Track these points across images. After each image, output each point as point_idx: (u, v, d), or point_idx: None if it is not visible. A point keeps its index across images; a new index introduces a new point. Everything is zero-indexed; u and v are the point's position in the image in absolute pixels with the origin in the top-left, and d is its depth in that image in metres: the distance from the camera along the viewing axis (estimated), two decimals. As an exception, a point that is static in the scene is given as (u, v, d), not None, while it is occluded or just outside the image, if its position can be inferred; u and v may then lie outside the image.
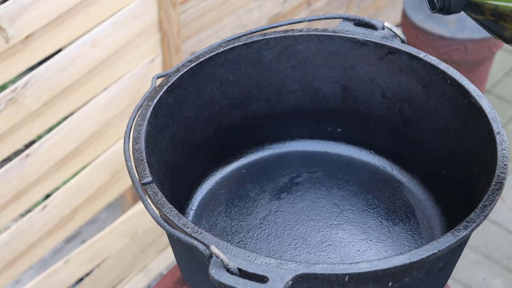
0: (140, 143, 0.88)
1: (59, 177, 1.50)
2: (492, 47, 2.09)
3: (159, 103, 0.94)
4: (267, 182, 1.07)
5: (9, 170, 1.38)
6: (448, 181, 1.00)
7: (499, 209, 2.15)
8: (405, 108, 1.05)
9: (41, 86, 1.35)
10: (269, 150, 1.12)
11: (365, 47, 1.03)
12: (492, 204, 0.81)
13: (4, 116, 1.31)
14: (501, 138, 0.88)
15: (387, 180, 1.08)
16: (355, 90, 1.08)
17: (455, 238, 0.77)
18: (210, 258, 0.74)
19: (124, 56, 1.49)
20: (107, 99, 1.50)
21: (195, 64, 0.99)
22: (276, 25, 1.04)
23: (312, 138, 1.13)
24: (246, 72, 1.05)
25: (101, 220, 2.09)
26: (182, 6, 1.62)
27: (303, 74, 1.08)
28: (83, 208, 1.59)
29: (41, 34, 1.31)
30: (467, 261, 2.01)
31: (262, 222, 1.01)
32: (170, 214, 0.79)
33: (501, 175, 0.84)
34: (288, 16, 1.99)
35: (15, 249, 1.47)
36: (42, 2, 1.27)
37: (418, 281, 0.81)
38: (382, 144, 1.10)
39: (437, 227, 1.00)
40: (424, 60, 0.99)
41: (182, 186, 1.02)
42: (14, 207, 1.43)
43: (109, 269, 1.74)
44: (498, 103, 2.48)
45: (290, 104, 1.10)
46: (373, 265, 0.74)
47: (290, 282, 0.72)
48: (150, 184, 0.83)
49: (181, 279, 1.07)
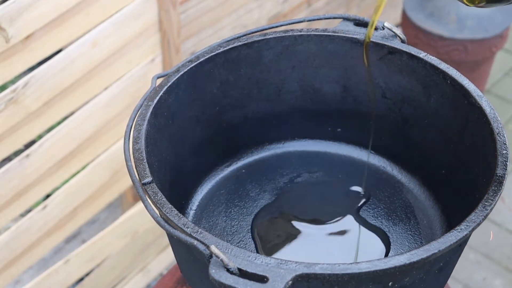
0: (140, 143, 0.88)
1: (59, 177, 1.50)
2: (492, 47, 2.09)
3: (159, 103, 0.94)
4: (267, 182, 1.07)
5: (9, 170, 1.38)
6: (448, 181, 1.00)
7: (499, 209, 2.15)
8: (405, 108, 1.05)
9: (41, 86, 1.35)
10: (269, 150, 1.12)
11: (365, 47, 1.03)
12: (492, 204, 0.81)
13: (4, 116, 1.31)
14: (501, 138, 0.88)
15: (387, 180, 1.08)
16: (355, 90, 1.08)
17: (455, 238, 0.77)
18: (210, 258, 0.74)
19: (124, 56, 1.49)
20: (107, 99, 1.50)
21: (195, 64, 0.99)
22: (276, 25, 1.04)
23: (312, 138, 1.13)
24: (246, 72, 1.05)
25: (101, 220, 2.09)
26: (182, 6, 1.62)
27: (303, 74, 1.08)
28: (83, 208, 1.59)
29: (41, 34, 1.31)
30: (467, 261, 2.01)
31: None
32: (170, 214, 0.79)
33: (501, 175, 0.84)
34: (288, 16, 1.99)
35: (15, 249, 1.47)
36: (42, 2, 1.27)
37: (418, 281, 0.81)
38: (382, 144, 1.10)
39: (437, 227, 1.00)
40: (424, 60, 0.99)
41: (182, 186, 1.02)
42: (14, 207, 1.43)
43: (109, 269, 1.74)
44: (498, 103, 2.48)
45: (290, 104, 1.10)
46: (373, 265, 0.74)
47: (290, 282, 0.72)
48: (150, 184, 0.83)
49: (181, 279, 1.07)
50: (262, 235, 0.99)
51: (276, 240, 0.98)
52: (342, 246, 0.98)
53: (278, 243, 0.98)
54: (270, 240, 0.98)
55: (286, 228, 0.99)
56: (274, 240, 0.98)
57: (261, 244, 0.97)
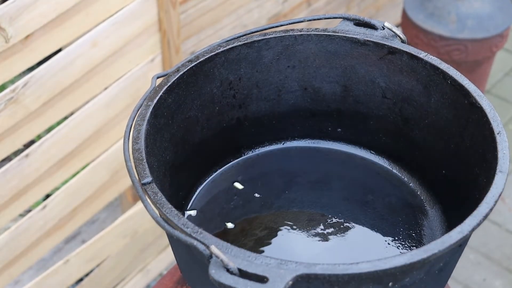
0: (140, 143, 0.87)
1: (59, 177, 1.50)
2: (492, 47, 2.09)
3: (159, 103, 0.94)
4: (267, 182, 1.07)
5: (9, 170, 1.38)
6: (448, 181, 1.00)
7: (499, 209, 2.15)
8: (405, 108, 1.05)
9: (41, 86, 1.35)
10: (269, 150, 1.12)
11: (365, 47, 1.03)
12: (492, 204, 0.81)
13: (4, 116, 1.31)
14: (501, 138, 0.88)
15: (387, 180, 1.08)
16: (355, 90, 1.08)
17: (455, 238, 0.77)
18: (210, 258, 0.74)
19: (124, 56, 1.49)
20: (107, 99, 1.50)
21: (195, 64, 0.99)
22: (276, 25, 1.04)
23: (312, 138, 1.13)
24: (246, 72, 1.05)
25: (101, 220, 2.09)
26: (182, 6, 1.62)
27: (303, 74, 1.07)
28: (83, 208, 1.59)
29: (41, 34, 1.31)
30: (467, 262, 2.01)
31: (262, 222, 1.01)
32: (170, 214, 0.79)
33: (501, 175, 0.84)
34: (288, 16, 1.99)
35: (14, 249, 1.47)
36: (41, 2, 1.27)
37: (418, 281, 0.81)
38: (382, 144, 1.09)
39: (437, 227, 1.00)
40: (425, 60, 0.99)
41: (182, 186, 1.02)
42: (13, 207, 1.43)
43: (109, 269, 1.74)
44: (498, 103, 2.48)
45: (290, 104, 1.10)
46: (373, 265, 0.74)
47: (290, 282, 0.72)
48: (150, 184, 0.83)
49: (181, 279, 1.07)
50: (262, 235, 0.99)
51: (276, 240, 0.98)
52: (342, 246, 0.97)
53: (278, 243, 0.98)
54: (270, 239, 0.98)
55: (286, 228, 0.99)
56: (274, 240, 0.98)
57: (260, 244, 0.97)
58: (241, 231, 0.99)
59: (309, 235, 0.98)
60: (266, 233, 0.99)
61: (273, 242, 0.98)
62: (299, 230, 0.99)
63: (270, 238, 0.99)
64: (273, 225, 1.00)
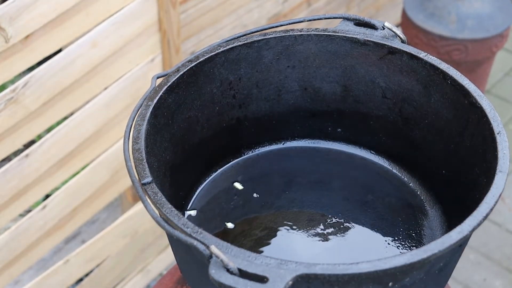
0: (140, 143, 0.87)
1: (58, 177, 1.50)
2: (492, 47, 2.09)
3: (159, 103, 0.94)
4: (267, 182, 1.07)
5: (9, 170, 1.38)
6: (448, 181, 1.00)
7: (499, 209, 2.15)
8: (405, 108, 1.05)
9: (41, 86, 1.35)
10: (269, 150, 1.12)
11: (365, 47, 1.03)
12: (492, 204, 0.81)
13: (4, 116, 1.31)
14: (502, 138, 0.88)
15: (387, 180, 1.08)
16: (355, 90, 1.08)
17: (455, 238, 0.77)
18: (210, 258, 0.73)
19: (124, 56, 1.49)
20: (107, 99, 1.50)
21: (195, 64, 0.99)
22: (276, 25, 1.04)
23: (312, 138, 1.13)
24: (246, 72, 1.05)
25: (101, 220, 2.09)
26: (182, 6, 1.62)
27: (303, 74, 1.07)
28: (83, 208, 1.59)
29: (41, 34, 1.31)
30: (467, 262, 2.01)
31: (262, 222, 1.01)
32: (170, 214, 0.79)
33: (501, 175, 0.84)
34: (288, 16, 1.99)
35: (14, 249, 1.47)
36: (41, 2, 1.27)
37: (418, 281, 0.81)
38: (382, 144, 1.09)
39: (437, 227, 1.00)
40: (425, 60, 0.99)
41: (182, 186, 1.02)
42: (13, 207, 1.43)
43: (109, 269, 1.74)
44: (498, 103, 2.48)
45: (290, 104, 1.10)
46: (373, 265, 0.74)
47: (290, 282, 0.72)
48: (150, 184, 0.83)
49: (181, 279, 1.07)
50: (262, 235, 0.99)
51: (275, 240, 0.98)
52: (342, 246, 0.97)
53: (278, 243, 0.98)
54: (270, 239, 0.98)
55: (286, 228, 0.99)
56: (274, 240, 0.98)
57: (260, 244, 0.97)
58: (241, 231, 0.99)
59: (309, 235, 0.98)
60: (266, 233, 0.99)
61: (273, 242, 0.98)
62: (299, 230, 0.99)
63: (270, 238, 0.99)
64: (273, 225, 1.00)
